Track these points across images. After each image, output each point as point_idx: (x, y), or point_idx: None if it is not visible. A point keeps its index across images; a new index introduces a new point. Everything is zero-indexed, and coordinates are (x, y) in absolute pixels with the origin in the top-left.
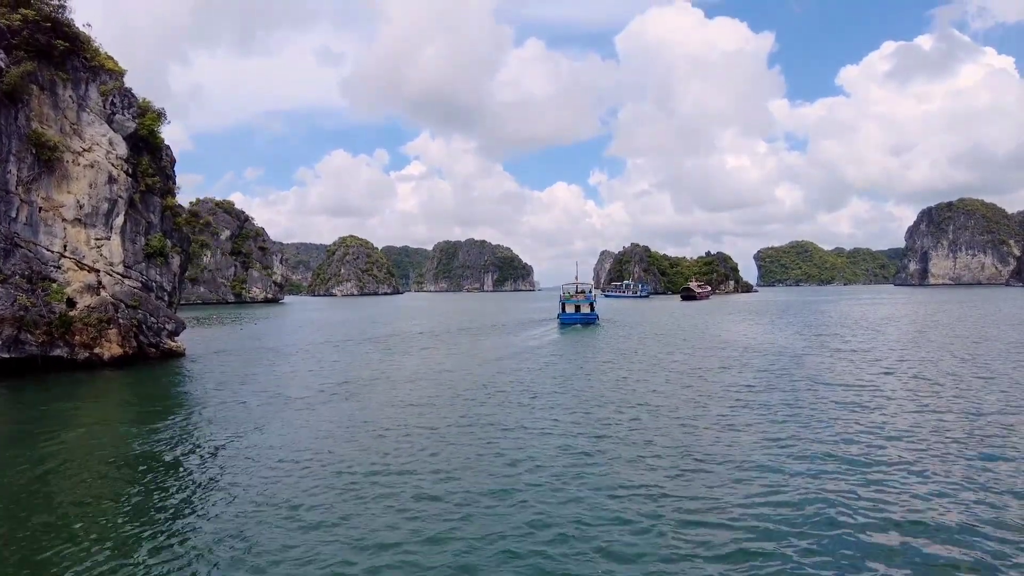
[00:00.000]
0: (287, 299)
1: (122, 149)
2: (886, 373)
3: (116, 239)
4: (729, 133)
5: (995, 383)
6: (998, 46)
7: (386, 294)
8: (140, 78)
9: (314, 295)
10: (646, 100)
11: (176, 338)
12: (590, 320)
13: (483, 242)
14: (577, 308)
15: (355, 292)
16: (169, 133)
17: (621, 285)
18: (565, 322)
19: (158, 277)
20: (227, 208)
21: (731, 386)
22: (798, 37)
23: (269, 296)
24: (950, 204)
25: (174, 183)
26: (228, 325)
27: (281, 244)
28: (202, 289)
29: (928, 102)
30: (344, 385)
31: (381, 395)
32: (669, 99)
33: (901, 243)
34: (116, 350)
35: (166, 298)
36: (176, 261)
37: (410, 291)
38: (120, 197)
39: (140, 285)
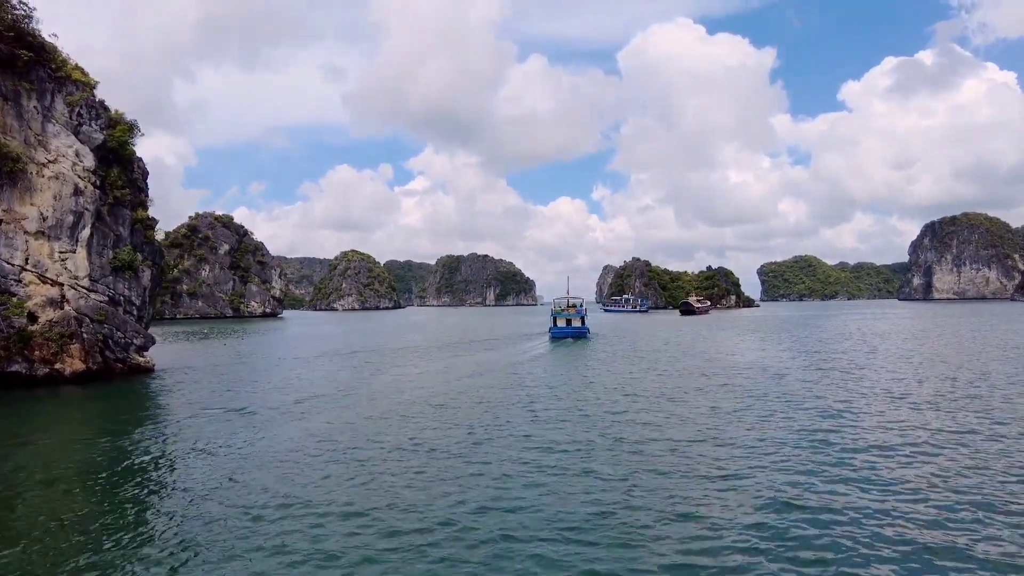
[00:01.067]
0: (286, 314)
1: (89, 161)
2: (863, 395)
3: (82, 252)
4: (731, 148)
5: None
6: (1000, 61)
7: (387, 308)
8: (147, 94)
9: (316, 309)
10: (648, 115)
11: (145, 353)
12: (581, 334)
13: (485, 256)
14: (568, 322)
15: (356, 306)
16: (175, 148)
17: (621, 300)
18: (556, 336)
19: (126, 291)
20: (226, 222)
21: (697, 407)
22: (800, 53)
23: (268, 310)
24: (953, 218)
25: (146, 195)
26: (213, 340)
27: (284, 258)
28: (200, 303)
29: (930, 117)
30: (307, 401)
31: (340, 411)
32: (671, 114)
33: (905, 257)
34: (78, 366)
35: (135, 312)
36: (147, 275)
37: (412, 305)
38: (87, 209)
39: (107, 299)
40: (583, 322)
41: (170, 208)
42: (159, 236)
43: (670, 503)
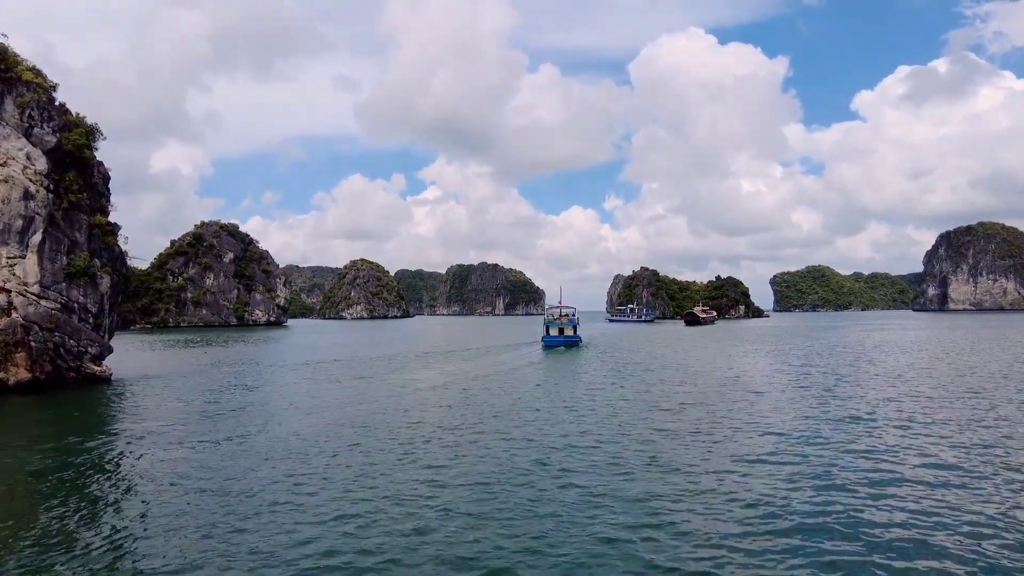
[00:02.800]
0: (293, 322)
1: (41, 164)
2: (852, 420)
3: (32, 258)
4: (744, 158)
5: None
6: (1017, 70)
7: (395, 317)
8: (162, 105)
9: (324, 318)
10: (660, 125)
11: (101, 362)
12: (573, 342)
13: (495, 266)
14: (561, 331)
15: (365, 315)
16: (190, 157)
17: (625, 309)
18: (549, 344)
19: (81, 298)
20: (231, 230)
21: (661, 426)
22: (812, 62)
23: (272, 319)
24: (969, 228)
25: (108, 200)
26: (196, 348)
27: (296, 267)
28: (204, 311)
29: (946, 126)
30: (248, 409)
31: (302, 422)
32: (683, 124)
33: (921, 268)
34: (24, 375)
35: (91, 320)
36: (106, 282)
37: (422, 314)
38: (38, 214)
39: (59, 306)
40: (575, 331)
41: (185, 217)
42: (164, 244)
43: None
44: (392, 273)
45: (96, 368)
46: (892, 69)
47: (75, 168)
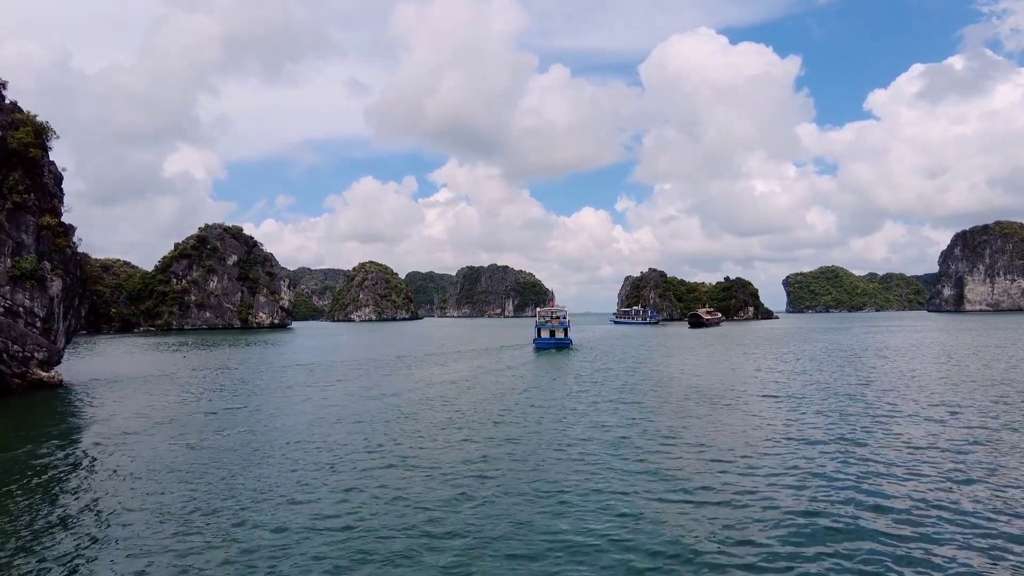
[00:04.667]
0: (299, 324)
1: None
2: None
3: None
4: (756, 158)
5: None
6: None
7: (404, 319)
8: (174, 109)
9: (333, 320)
10: (671, 126)
11: (51, 368)
12: (564, 344)
13: (505, 268)
14: (552, 333)
15: (373, 317)
16: (203, 161)
17: (631, 311)
18: (540, 346)
19: (27, 302)
20: (235, 233)
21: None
22: (825, 61)
23: (276, 321)
24: (986, 227)
25: (60, 201)
26: (177, 353)
27: (308, 270)
28: (208, 314)
29: (962, 124)
30: (194, 417)
31: (220, 430)
32: (695, 124)
33: (937, 268)
34: None
35: (38, 325)
36: (57, 285)
37: (432, 316)
38: None
39: (2, 310)
40: (566, 333)
41: (198, 221)
42: (167, 247)
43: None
44: (403, 275)
45: (44, 374)
46: (906, 67)
47: (22, 168)
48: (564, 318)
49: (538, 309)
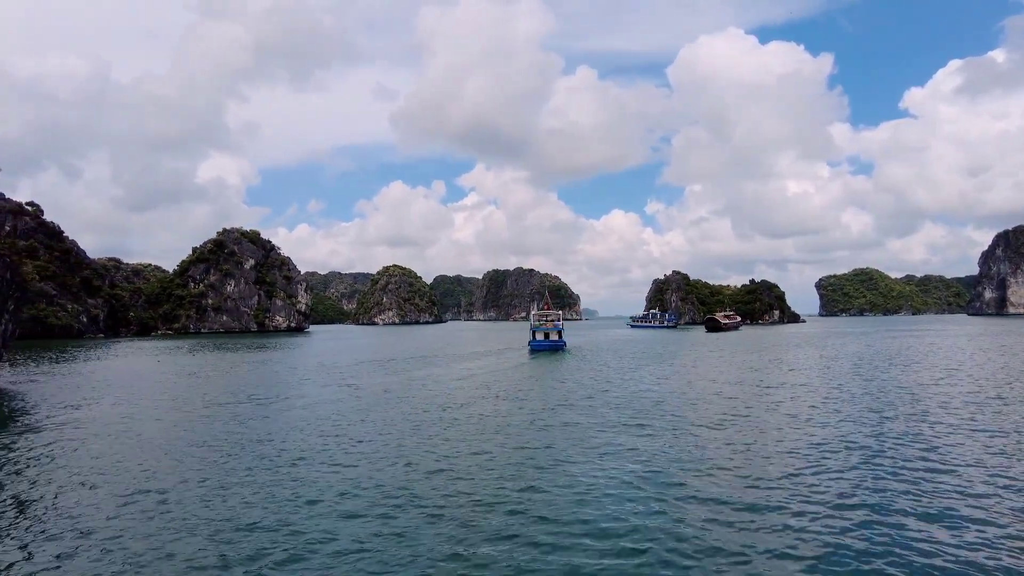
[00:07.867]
0: (315, 328)
1: None
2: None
3: None
4: (788, 158)
5: None
6: None
7: (427, 323)
8: (205, 116)
9: (358, 323)
10: (701, 127)
11: None
12: (558, 347)
13: (531, 271)
14: (546, 336)
15: (396, 320)
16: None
17: (648, 315)
18: (535, 349)
19: None
20: (252, 237)
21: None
22: (859, 59)
23: (293, 325)
24: None
25: None
26: (155, 355)
27: (339, 273)
28: (225, 317)
29: (1005, 119)
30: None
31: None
32: (725, 125)
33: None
34: None
35: None
36: None
37: (459, 320)
38: None
39: None
40: (560, 336)
41: (232, 226)
42: (181, 253)
43: None
44: (431, 279)
45: None
46: (943, 63)
47: None
48: (558, 321)
49: (532, 312)
